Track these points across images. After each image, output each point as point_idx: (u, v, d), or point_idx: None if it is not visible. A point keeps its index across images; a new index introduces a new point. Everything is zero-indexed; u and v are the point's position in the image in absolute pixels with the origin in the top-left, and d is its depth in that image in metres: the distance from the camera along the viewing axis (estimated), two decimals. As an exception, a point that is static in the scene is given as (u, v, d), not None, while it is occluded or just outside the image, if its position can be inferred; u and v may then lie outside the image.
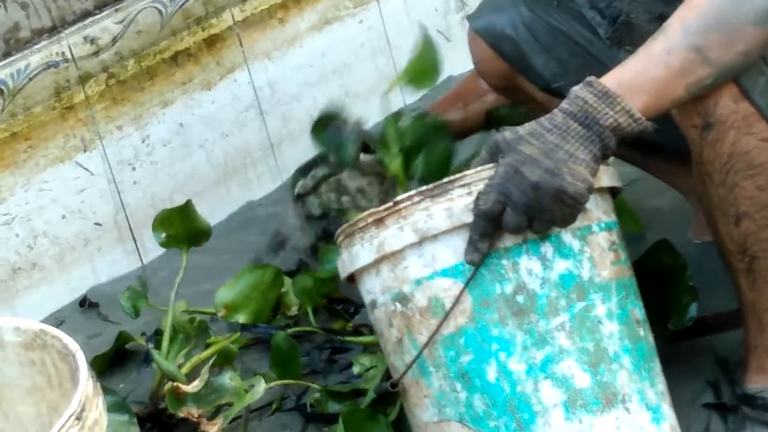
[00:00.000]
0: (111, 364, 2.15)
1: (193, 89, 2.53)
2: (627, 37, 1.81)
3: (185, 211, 2.03)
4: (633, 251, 1.89)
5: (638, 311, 1.58)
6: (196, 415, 1.79)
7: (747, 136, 1.56)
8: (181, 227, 2.03)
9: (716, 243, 1.69)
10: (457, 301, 1.50)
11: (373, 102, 2.85)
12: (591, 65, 1.78)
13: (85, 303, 2.38)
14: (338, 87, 2.78)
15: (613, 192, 1.61)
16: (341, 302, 2.16)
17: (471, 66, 2.10)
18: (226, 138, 2.60)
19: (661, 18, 1.56)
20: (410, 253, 1.53)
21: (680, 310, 1.81)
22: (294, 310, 2.13)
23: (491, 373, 1.50)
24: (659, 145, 1.96)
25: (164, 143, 2.50)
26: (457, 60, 2.85)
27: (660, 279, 1.79)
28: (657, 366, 1.58)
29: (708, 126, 1.57)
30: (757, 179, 1.58)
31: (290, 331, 2.05)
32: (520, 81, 1.99)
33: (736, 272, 1.67)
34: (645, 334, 1.57)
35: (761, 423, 1.73)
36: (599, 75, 1.52)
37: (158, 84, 2.48)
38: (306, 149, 2.72)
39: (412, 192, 1.53)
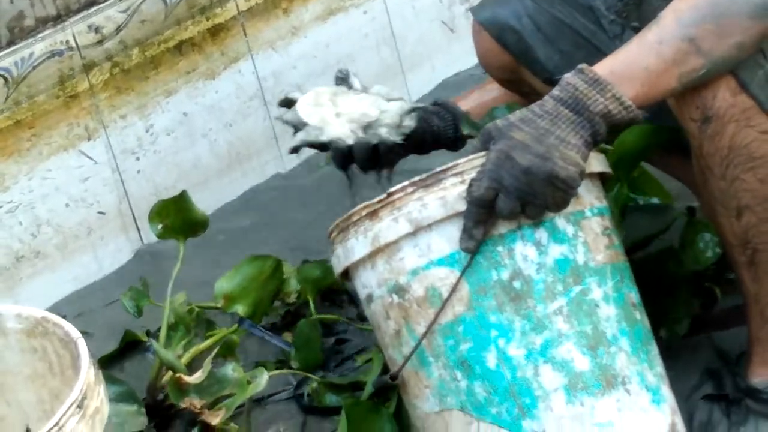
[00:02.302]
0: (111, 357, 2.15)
1: (197, 79, 2.54)
2: (635, 12, 1.80)
3: (181, 201, 2.02)
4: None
5: (634, 295, 1.58)
6: (198, 406, 1.78)
7: (746, 129, 1.56)
8: (177, 218, 2.02)
9: (718, 236, 1.69)
10: (454, 289, 1.50)
11: (378, 92, 2.85)
12: (594, 57, 1.77)
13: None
14: (342, 77, 2.78)
15: (602, 178, 1.61)
16: (342, 293, 2.16)
17: (474, 59, 2.10)
18: (230, 128, 2.60)
19: None
20: (405, 243, 1.53)
21: (676, 320, 1.83)
22: (293, 298, 2.12)
23: (491, 360, 1.50)
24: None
25: (168, 132, 2.51)
26: (462, 52, 2.86)
27: (661, 285, 1.80)
28: (654, 349, 1.58)
29: (707, 120, 1.56)
30: (757, 172, 1.58)
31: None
32: (524, 73, 1.99)
33: (738, 265, 1.67)
34: (641, 317, 1.57)
35: (765, 416, 1.72)
36: None
37: (162, 73, 2.48)
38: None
39: (405, 183, 1.53)
